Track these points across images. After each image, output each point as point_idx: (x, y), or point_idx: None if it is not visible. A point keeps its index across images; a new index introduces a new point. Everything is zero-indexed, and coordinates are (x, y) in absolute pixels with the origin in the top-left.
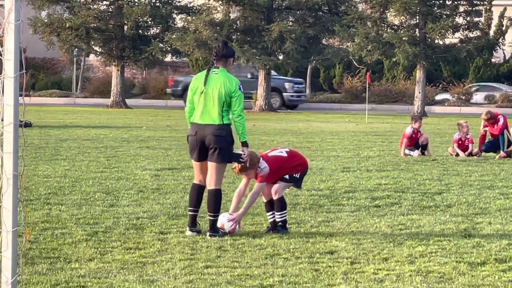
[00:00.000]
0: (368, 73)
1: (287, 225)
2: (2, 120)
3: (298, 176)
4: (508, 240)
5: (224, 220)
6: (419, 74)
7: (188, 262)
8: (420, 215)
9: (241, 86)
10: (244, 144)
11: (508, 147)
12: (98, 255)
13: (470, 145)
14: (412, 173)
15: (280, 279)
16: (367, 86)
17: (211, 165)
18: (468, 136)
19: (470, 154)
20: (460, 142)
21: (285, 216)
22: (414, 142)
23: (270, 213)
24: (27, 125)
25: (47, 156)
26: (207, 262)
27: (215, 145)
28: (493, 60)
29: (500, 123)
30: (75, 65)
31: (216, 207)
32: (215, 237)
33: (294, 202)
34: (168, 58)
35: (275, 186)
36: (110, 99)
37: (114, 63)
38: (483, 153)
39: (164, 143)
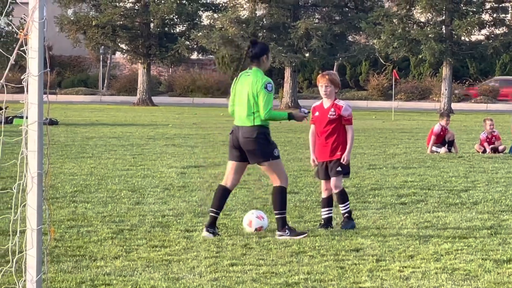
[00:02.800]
0: (394, 70)
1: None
2: (27, 118)
3: (347, 165)
4: None
5: (252, 218)
6: (445, 71)
7: (214, 260)
8: (446, 212)
9: (268, 85)
10: (291, 115)
11: None
12: (124, 253)
13: (496, 142)
14: (438, 170)
15: (305, 276)
16: (394, 83)
17: (261, 167)
18: (495, 133)
19: (497, 150)
20: (487, 140)
21: (349, 206)
22: (441, 139)
23: (326, 209)
24: (53, 123)
25: (73, 154)
26: (232, 260)
27: (244, 147)
28: None
29: None
30: (101, 63)
31: (280, 205)
32: (283, 237)
33: (319, 199)
34: (194, 55)
35: (333, 181)
36: (136, 97)
37: (140, 61)
38: None
39: (190, 141)
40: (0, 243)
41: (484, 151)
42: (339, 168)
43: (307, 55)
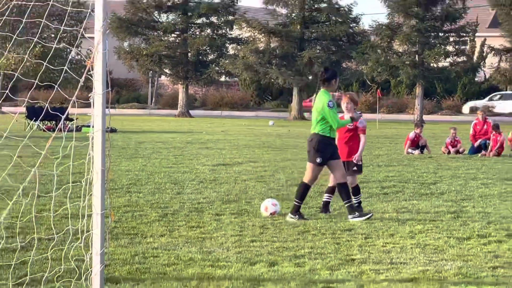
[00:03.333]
0: (378, 90)
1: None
2: (93, 127)
3: (360, 166)
4: (488, 220)
5: (268, 204)
6: (418, 90)
7: (238, 237)
8: (419, 200)
9: (329, 102)
10: (352, 119)
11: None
12: (168, 232)
13: (458, 145)
14: (413, 168)
15: (309, 250)
16: (378, 100)
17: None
18: (457, 139)
19: (458, 152)
20: (451, 144)
21: (360, 198)
22: (415, 144)
23: (327, 195)
24: (113, 130)
25: (128, 155)
26: (252, 237)
27: (307, 148)
28: (476, 79)
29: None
30: (150, 84)
31: (301, 196)
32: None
33: (321, 190)
34: (222, 78)
35: (350, 178)
36: (177, 110)
37: (180, 82)
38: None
39: (219, 145)
40: (72, 224)
41: (449, 153)
42: (355, 168)
43: (310, 78)
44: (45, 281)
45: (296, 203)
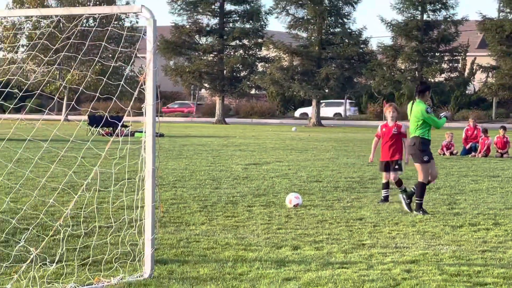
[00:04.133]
0: (384, 101)
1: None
2: (145, 132)
3: (400, 164)
4: (478, 211)
5: (292, 197)
6: None
7: (266, 225)
8: None
9: (427, 109)
10: (446, 118)
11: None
12: (208, 220)
13: (452, 148)
14: (413, 167)
15: (327, 236)
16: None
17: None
18: (452, 142)
19: (452, 153)
20: (446, 146)
21: (403, 187)
22: None
23: (385, 190)
24: (161, 135)
25: (174, 155)
26: (279, 226)
27: (408, 151)
28: (467, 92)
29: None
30: (192, 96)
31: (419, 194)
32: (419, 214)
33: (335, 185)
34: (253, 91)
35: (392, 174)
36: (215, 118)
37: (217, 95)
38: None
39: (250, 147)
40: (128, 214)
41: (444, 154)
42: (396, 167)
43: (326, 91)
44: (105, 262)
45: (418, 201)
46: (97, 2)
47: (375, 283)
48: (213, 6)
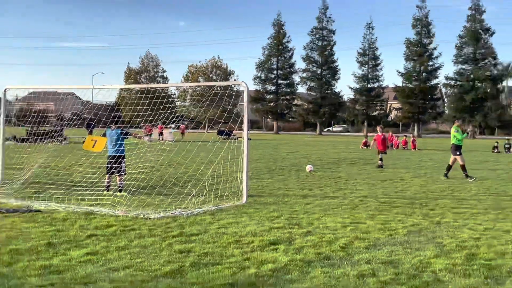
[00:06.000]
0: None
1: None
2: (242, 138)
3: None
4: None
5: (308, 166)
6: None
7: (297, 179)
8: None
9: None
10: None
11: None
12: (270, 177)
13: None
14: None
15: (323, 185)
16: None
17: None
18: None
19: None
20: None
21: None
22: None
23: (464, 173)
24: (249, 139)
25: (255, 147)
26: (302, 179)
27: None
28: None
29: None
30: (263, 122)
31: (464, 169)
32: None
33: (328, 161)
34: (290, 119)
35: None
36: (273, 131)
37: (275, 120)
38: None
39: (291, 144)
40: (236, 174)
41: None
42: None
43: None
44: (225, 196)
45: (465, 174)
46: (219, 79)
47: (345, 205)
48: (273, 81)
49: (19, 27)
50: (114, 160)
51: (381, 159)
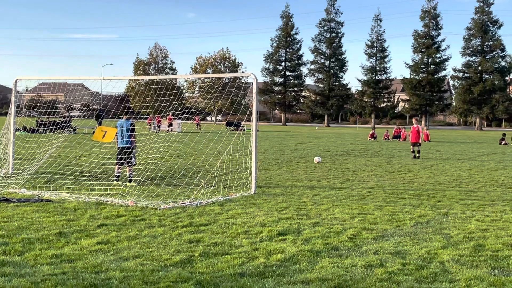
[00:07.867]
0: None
1: None
2: (251, 129)
3: None
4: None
5: (316, 158)
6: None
7: (305, 171)
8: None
9: None
10: None
11: None
12: (278, 168)
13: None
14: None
15: (331, 176)
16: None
17: None
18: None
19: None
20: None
21: None
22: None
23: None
24: (258, 130)
25: (263, 139)
26: (310, 171)
27: None
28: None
29: None
30: (271, 113)
31: None
32: None
33: (336, 153)
34: (298, 111)
35: None
36: (281, 123)
37: (282, 112)
38: None
39: (297, 135)
40: (244, 165)
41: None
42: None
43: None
44: (234, 187)
45: None
46: (227, 70)
47: (353, 196)
48: (281, 73)
49: (28, 19)
50: (124, 151)
51: (415, 151)
